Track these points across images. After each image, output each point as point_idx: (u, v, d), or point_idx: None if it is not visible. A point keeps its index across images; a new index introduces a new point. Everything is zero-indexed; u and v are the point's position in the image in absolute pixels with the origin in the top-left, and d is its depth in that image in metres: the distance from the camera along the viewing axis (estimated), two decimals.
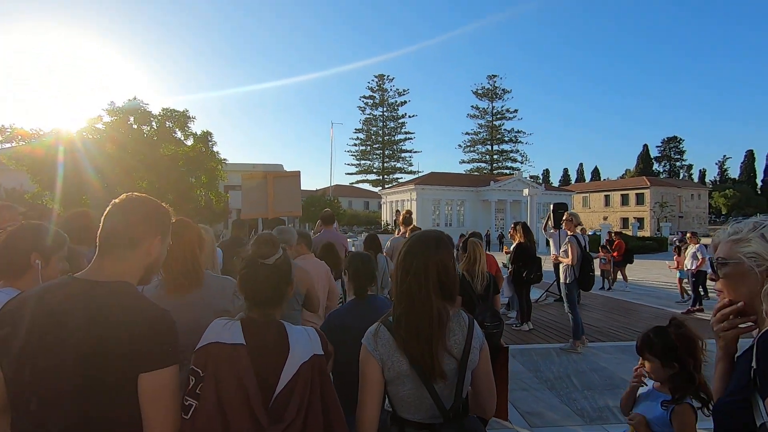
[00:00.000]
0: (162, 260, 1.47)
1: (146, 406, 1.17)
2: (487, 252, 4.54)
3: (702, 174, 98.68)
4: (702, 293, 9.16)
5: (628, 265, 12.83)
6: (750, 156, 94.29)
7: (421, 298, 1.47)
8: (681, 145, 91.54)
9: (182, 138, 18.68)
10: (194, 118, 18.49)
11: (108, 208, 1.37)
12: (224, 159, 19.36)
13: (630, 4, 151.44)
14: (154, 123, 17.68)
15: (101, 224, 1.36)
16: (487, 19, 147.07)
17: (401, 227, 6.43)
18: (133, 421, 1.19)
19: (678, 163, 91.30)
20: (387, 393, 1.52)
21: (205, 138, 18.64)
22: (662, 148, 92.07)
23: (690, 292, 9.52)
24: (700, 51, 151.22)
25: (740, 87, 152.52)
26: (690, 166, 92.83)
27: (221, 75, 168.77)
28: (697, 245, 9.22)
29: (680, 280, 10.29)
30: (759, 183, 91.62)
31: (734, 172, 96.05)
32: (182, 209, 16.95)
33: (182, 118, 18.23)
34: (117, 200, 1.39)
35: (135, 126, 17.45)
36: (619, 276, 12.56)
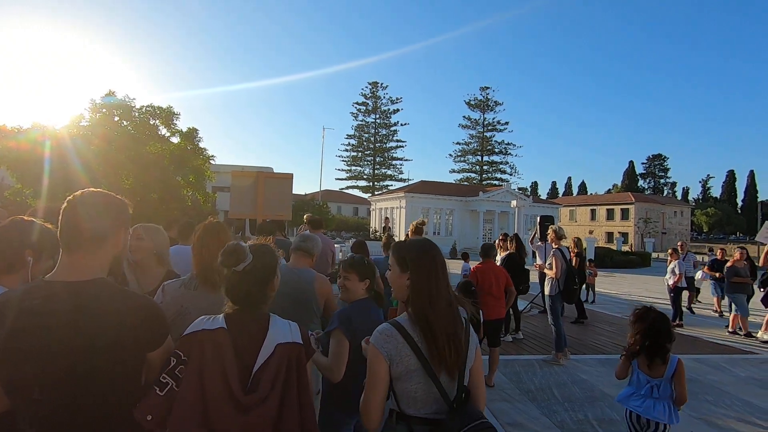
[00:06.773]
0: (125, 251, 1.56)
1: (151, 360, 1.45)
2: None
3: (685, 192, 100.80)
4: (683, 308, 9.23)
5: (611, 279, 12.76)
6: (731, 176, 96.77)
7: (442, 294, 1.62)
8: (665, 163, 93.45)
9: (168, 135, 18.30)
10: (179, 114, 18.05)
11: (66, 205, 1.39)
12: (212, 156, 18.95)
13: (616, 27, 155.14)
14: (135, 114, 17.15)
15: (63, 221, 1.37)
16: (469, 26, 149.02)
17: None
18: (126, 405, 1.35)
19: (662, 180, 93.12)
20: (393, 390, 1.59)
21: (191, 135, 18.28)
22: (647, 165, 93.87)
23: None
24: (685, 75, 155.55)
25: (724, 109, 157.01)
26: (674, 184, 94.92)
27: (208, 73, 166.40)
28: (677, 260, 9.31)
29: None
30: (740, 203, 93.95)
31: (716, 191, 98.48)
32: (168, 209, 16.66)
33: (167, 115, 17.83)
34: (76, 196, 1.41)
35: (118, 121, 17.01)
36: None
